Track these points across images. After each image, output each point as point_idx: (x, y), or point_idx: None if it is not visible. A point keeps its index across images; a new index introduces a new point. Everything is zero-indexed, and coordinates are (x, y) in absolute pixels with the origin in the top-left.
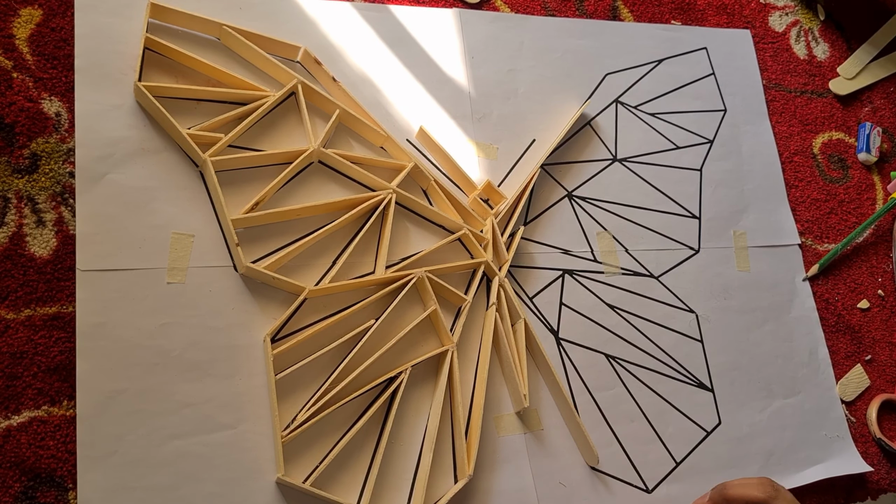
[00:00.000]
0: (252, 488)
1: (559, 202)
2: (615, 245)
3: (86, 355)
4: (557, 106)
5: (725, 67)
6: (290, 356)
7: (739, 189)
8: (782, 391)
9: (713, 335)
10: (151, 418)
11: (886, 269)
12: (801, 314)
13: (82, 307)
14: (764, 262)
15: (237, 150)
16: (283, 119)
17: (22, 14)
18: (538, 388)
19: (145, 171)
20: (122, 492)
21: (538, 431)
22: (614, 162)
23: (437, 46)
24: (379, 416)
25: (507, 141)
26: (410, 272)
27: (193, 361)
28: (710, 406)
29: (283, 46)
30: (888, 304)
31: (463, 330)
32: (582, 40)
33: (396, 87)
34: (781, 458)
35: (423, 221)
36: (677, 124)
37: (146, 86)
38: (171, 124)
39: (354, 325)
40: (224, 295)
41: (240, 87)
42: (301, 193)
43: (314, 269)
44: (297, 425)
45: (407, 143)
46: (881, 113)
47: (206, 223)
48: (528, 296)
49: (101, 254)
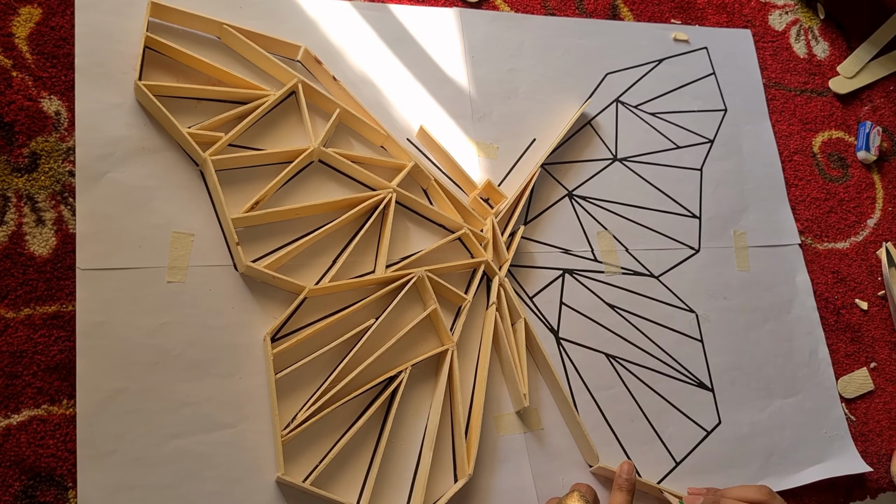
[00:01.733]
0: (252, 487)
1: (559, 201)
2: (615, 244)
3: (86, 354)
4: (558, 105)
5: (726, 67)
6: (290, 355)
7: (740, 189)
8: (782, 391)
9: (713, 335)
10: (151, 417)
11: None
12: (801, 314)
13: (82, 306)
14: (764, 261)
15: (237, 149)
16: (284, 118)
17: (21, 13)
18: (538, 387)
19: (145, 170)
20: (122, 491)
21: (538, 431)
22: (615, 161)
23: (437, 46)
24: (379, 416)
25: (508, 140)
26: (410, 271)
27: (194, 360)
28: (710, 406)
29: (284, 45)
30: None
31: (463, 329)
32: (582, 40)
33: (397, 87)
34: (781, 458)
35: (423, 221)
36: (678, 124)
37: (146, 85)
38: (172, 123)
39: (354, 325)
40: (224, 294)
41: (240, 86)
42: (301, 193)
43: (314, 268)
44: (298, 424)
45: (407, 143)
46: (881, 112)
47: (207, 222)
48: (529, 295)
49: (101, 253)
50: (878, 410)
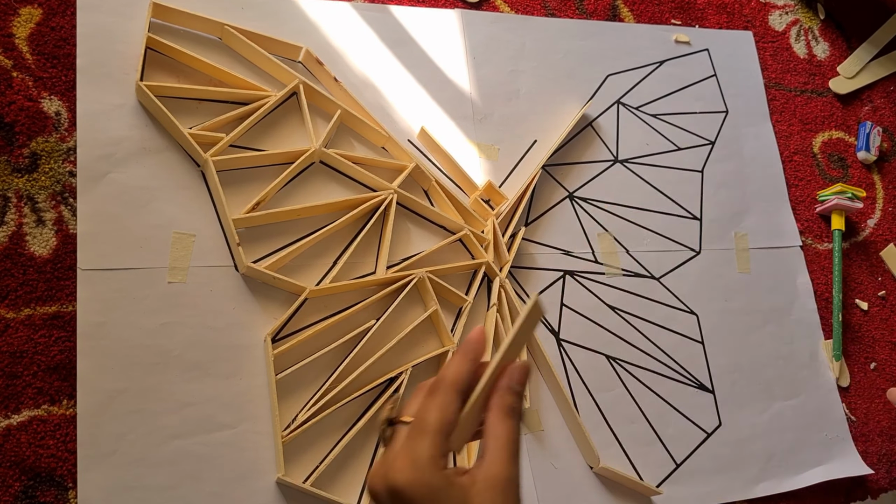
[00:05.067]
0: (252, 488)
1: (560, 203)
2: (616, 246)
3: (87, 354)
4: (559, 107)
5: (727, 69)
6: (291, 356)
7: (741, 191)
8: (783, 393)
9: (714, 337)
10: (152, 418)
11: (886, 268)
12: (802, 316)
13: (83, 306)
14: (765, 263)
15: (238, 149)
16: (285, 119)
17: (22, 13)
18: (539, 388)
19: (147, 171)
20: (122, 491)
21: (539, 433)
22: (615, 163)
23: (438, 47)
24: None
25: (509, 142)
26: (411, 272)
27: (194, 361)
28: (710, 407)
29: (285, 46)
30: (888, 303)
31: (464, 330)
32: (584, 41)
33: (398, 88)
34: (781, 460)
35: (424, 222)
36: (679, 125)
37: (148, 85)
38: (173, 124)
39: (355, 326)
40: (225, 295)
41: (241, 86)
42: (302, 193)
43: (315, 269)
44: (298, 425)
45: (408, 144)
46: (881, 112)
47: (208, 223)
48: (529, 297)
49: (102, 253)
50: (879, 411)
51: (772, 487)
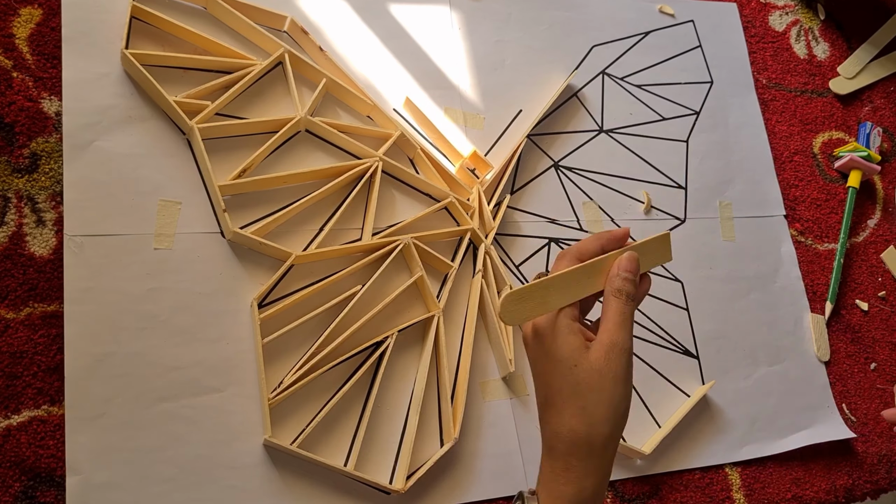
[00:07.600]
0: (239, 450)
1: (545, 172)
2: (601, 215)
3: (74, 319)
4: (544, 77)
5: (712, 40)
6: (277, 321)
7: (725, 160)
8: (767, 359)
9: (699, 304)
10: (139, 381)
11: (886, 268)
12: (786, 284)
13: (70, 272)
14: (749, 232)
15: (224, 118)
16: (271, 88)
17: (22, 13)
18: (523, 353)
19: (132, 139)
20: (109, 453)
21: (524, 396)
22: (601, 133)
23: (423, 17)
24: (365, 381)
25: (494, 111)
26: (397, 238)
27: (181, 326)
28: (695, 373)
29: (270, 16)
30: (888, 303)
31: (449, 296)
32: (569, 12)
33: (383, 57)
34: (765, 425)
35: (409, 189)
36: (664, 96)
37: (133, 53)
38: (158, 92)
39: (341, 291)
40: (211, 260)
41: (227, 55)
42: (288, 162)
43: (301, 235)
44: (284, 388)
45: (394, 113)
46: (881, 112)
47: (194, 190)
48: (515, 264)
49: (88, 219)
50: (879, 410)
51: (756, 451)
